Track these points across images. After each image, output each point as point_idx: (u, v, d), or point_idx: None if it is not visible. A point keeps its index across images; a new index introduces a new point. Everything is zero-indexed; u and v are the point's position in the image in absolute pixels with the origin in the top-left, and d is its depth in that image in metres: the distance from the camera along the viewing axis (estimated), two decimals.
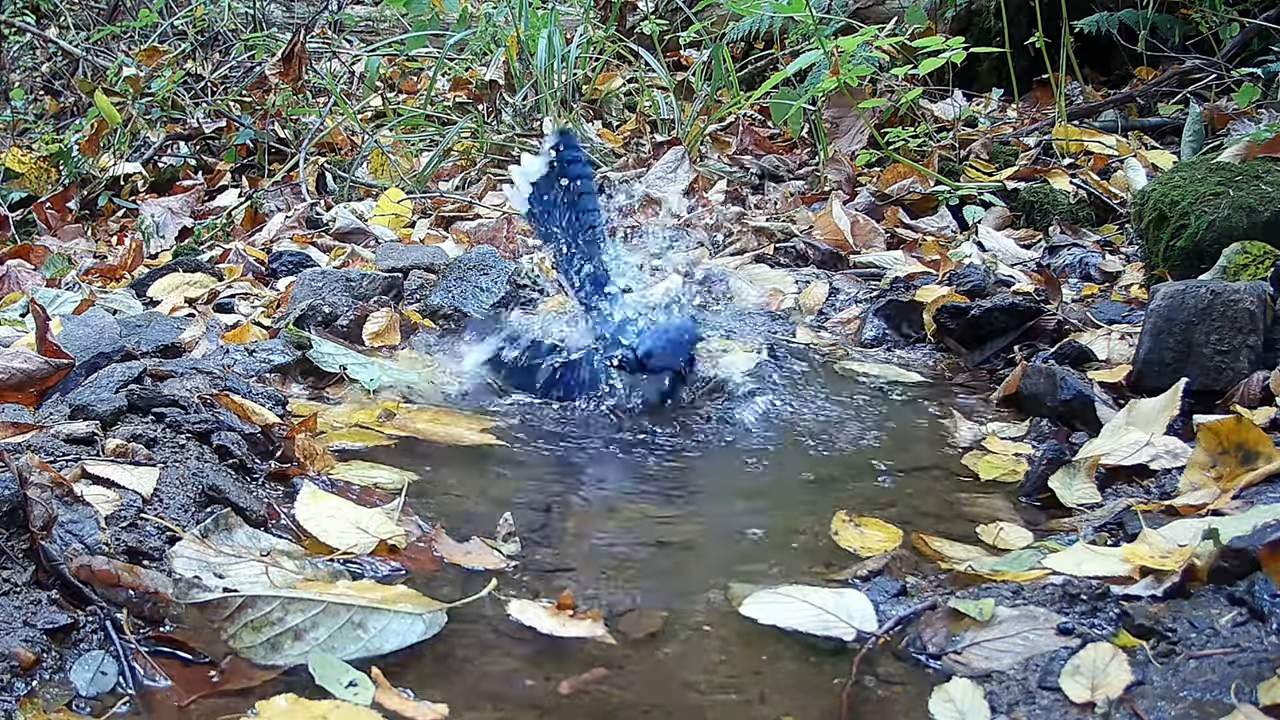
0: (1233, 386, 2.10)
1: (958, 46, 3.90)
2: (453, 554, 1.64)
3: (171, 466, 1.73)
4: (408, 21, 6.89)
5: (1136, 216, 3.03)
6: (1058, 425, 2.17)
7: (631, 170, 4.63)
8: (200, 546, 1.54)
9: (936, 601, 1.47)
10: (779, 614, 1.49)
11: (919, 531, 1.75)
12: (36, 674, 1.30)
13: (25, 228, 5.00)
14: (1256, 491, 1.69)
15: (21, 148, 5.53)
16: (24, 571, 1.41)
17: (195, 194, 4.97)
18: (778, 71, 4.25)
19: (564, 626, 1.43)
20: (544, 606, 1.48)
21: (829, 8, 5.15)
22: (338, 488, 1.86)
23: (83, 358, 2.30)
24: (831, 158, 4.33)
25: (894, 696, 1.34)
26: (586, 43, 5.56)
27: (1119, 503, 1.82)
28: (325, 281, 2.89)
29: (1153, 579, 1.47)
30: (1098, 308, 2.87)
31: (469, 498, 1.91)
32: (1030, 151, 4.30)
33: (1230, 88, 4.46)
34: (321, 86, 5.66)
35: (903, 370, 2.68)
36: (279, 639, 1.40)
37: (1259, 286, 2.21)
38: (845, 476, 2.06)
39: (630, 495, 1.95)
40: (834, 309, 3.15)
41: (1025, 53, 4.54)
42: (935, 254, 3.41)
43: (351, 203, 4.36)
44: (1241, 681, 1.23)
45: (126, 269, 3.93)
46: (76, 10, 6.99)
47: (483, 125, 5.04)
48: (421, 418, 2.22)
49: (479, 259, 3.04)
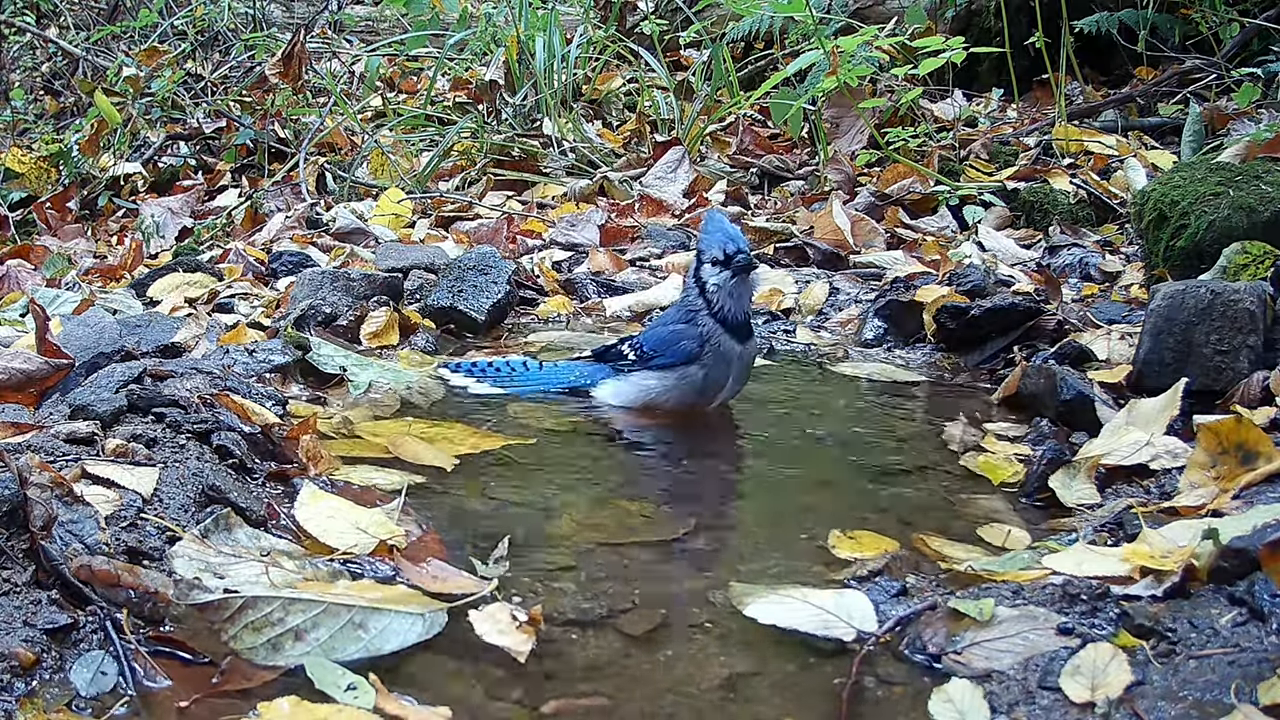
0: (1233, 386, 2.10)
1: (958, 46, 3.90)
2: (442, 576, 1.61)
3: (171, 466, 1.73)
4: (408, 21, 6.89)
5: (1136, 216, 3.03)
6: (1058, 425, 2.17)
7: (631, 170, 4.63)
8: (200, 546, 1.54)
9: (936, 601, 1.47)
10: (779, 614, 1.49)
11: (919, 531, 1.75)
12: (36, 674, 1.30)
13: (25, 228, 5.01)
14: (1256, 491, 1.69)
15: (21, 148, 5.54)
16: (24, 571, 1.41)
17: (195, 194, 4.97)
18: (778, 71, 4.26)
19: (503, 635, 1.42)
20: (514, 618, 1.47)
21: (829, 8, 5.15)
22: (338, 488, 1.86)
23: (83, 358, 2.30)
24: (831, 158, 4.33)
25: (894, 697, 1.34)
26: (586, 43, 5.56)
27: (1119, 503, 1.82)
28: (325, 281, 2.89)
29: (1153, 579, 1.47)
30: (1098, 308, 2.87)
31: (469, 498, 1.90)
32: (1030, 151, 4.30)
33: (1230, 88, 4.46)
34: (321, 86, 5.66)
35: (902, 370, 2.68)
36: (280, 639, 1.40)
37: (1259, 286, 2.21)
38: (845, 476, 2.05)
39: (630, 495, 1.94)
40: (834, 309, 3.15)
41: (1025, 53, 4.54)
42: (935, 254, 3.41)
43: (351, 203, 4.36)
44: (1241, 681, 1.23)
45: (126, 269, 3.93)
46: (76, 10, 6.99)
47: (483, 125, 5.04)
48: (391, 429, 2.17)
49: (479, 259, 3.04)
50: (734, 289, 2.20)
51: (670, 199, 4.29)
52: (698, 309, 2.22)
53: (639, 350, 2.28)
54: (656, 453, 2.18)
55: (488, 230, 3.93)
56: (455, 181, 4.81)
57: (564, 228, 3.91)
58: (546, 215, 4.17)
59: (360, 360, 2.53)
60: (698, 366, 2.21)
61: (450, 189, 4.72)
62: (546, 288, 3.32)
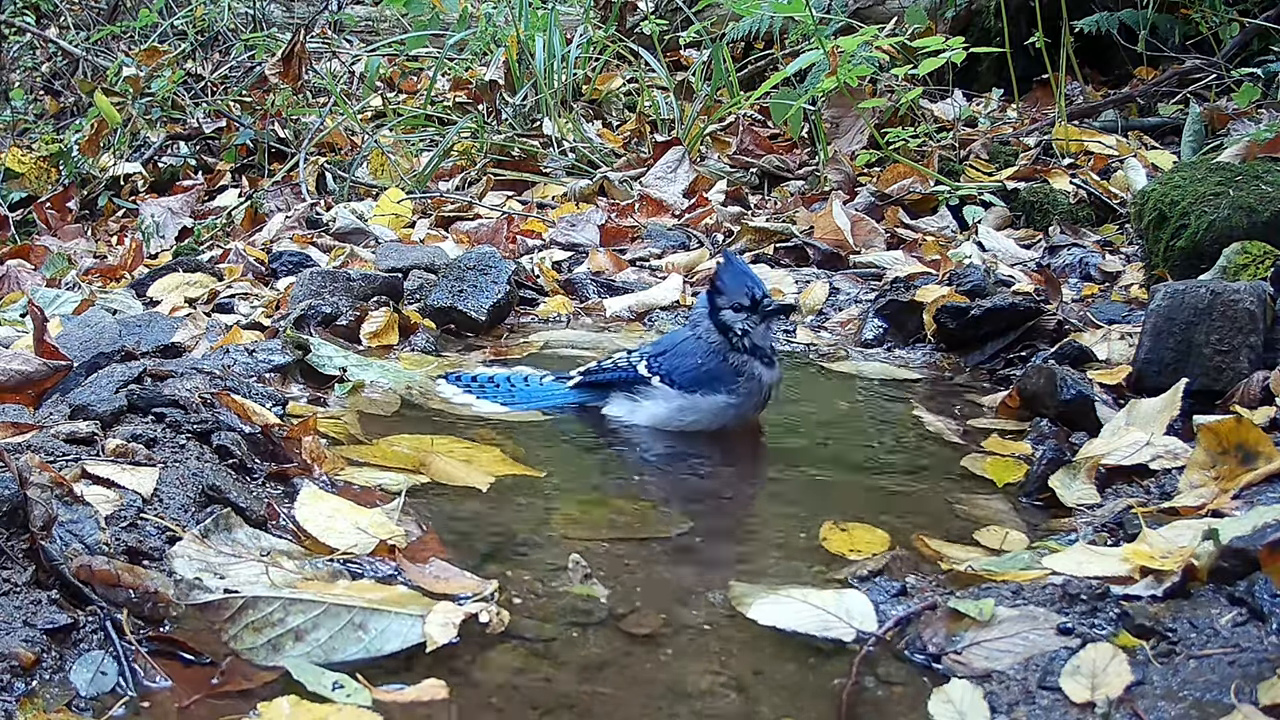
0: (1233, 386, 2.10)
1: (958, 46, 3.90)
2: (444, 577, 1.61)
3: (171, 466, 1.73)
4: (408, 21, 6.90)
5: (1136, 216, 3.03)
6: (1058, 425, 2.17)
7: (631, 170, 4.63)
8: (200, 546, 1.54)
9: (936, 601, 1.47)
10: (779, 614, 1.49)
11: (919, 531, 1.75)
12: (36, 674, 1.30)
13: (25, 228, 5.01)
14: (1256, 491, 1.69)
15: (21, 148, 5.54)
16: (24, 571, 1.41)
17: (195, 194, 4.97)
18: (778, 71, 4.25)
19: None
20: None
21: (829, 8, 5.15)
22: (338, 488, 1.86)
23: (82, 358, 2.30)
24: (831, 158, 4.32)
25: (894, 697, 1.34)
26: (586, 43, 5.56)
27: (1119, 503, 1.82)
28: (325, 281, 2.89)
29: (1153, 579, 1.47)
30: (1098, 308, 2.87)
31: (469, 498, 1.90)
32: (1030, 151, 4.30)
33: (1230, 88, 4.46)
34: (321, 86, 5.66)
35: (903, 370, 2.68)
36: (280, 640, 1.40)
37: (1259, 286, 2.21)
38: (845, 476, 2.05)
39: (630, 495, 1.94)
40: (834, 309, 3.15)
41: (1025, 53, 4.54)
42: (935, 254, 3.41)
43: (351, 203, 4.36)
44: (1241, 681, 1.23)
45: (126, 269, 3.93)
46: (76, 10, 6.99)
47: (483, 125, 5.04)
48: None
49: (479, 259, 3.04)
50: (764, 330, 2.24)
51: (670, 199, 4.29)
52: (722, 347, 2.22)
53: (668, 379, 2.26)
54: (656, 453, 2.18)
55: (488, 230, 3.93)
56: (455, 181, 4.81)
57: (564, 228, 3.91)
58: (546, 215, 4.17)
59: (360, 360, 2.53)
60: (735, 396, 2.22)
61: (450, 189, 4.72)
62: (546, 288, 3.32)
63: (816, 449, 2.20)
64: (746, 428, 2.28)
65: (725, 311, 2.22)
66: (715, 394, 2.22)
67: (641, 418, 2.27)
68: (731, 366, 2.21)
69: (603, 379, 2.32)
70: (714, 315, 2.23)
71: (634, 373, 2.28)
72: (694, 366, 2.23)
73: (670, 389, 2.24)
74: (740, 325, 2.21)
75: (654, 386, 2.25)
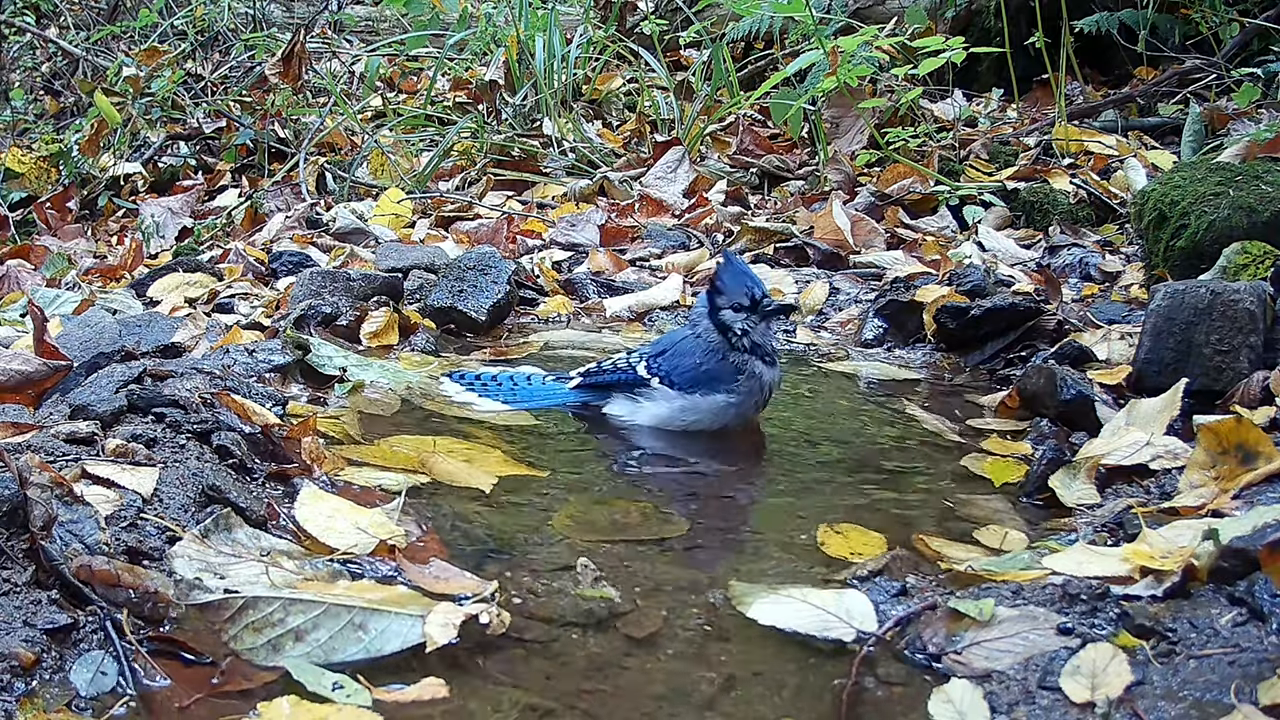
0: (1233, 386, 2.10)
1: (958, 46, 3.90)
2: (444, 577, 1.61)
3: (171, 466, 1.73)
4: (408, 21, 6.90)
5: (1136, 216, 3.03)
6: (1058, 425, 2.17)
7: (631, 170, 4.63)
8: (200, 546, 1.54)
9: (936, 601, 1.47)
10: (779, 614, 1.49)
11: (919, 531, 1.75)
12: (36, 674, 1.30)
13: (25, 228, 5.01)
14: (1256, 491, 1.69)
15: (21, 148, 5.54)
16: (24, 571, 1.41)
17: (195, 194, 4.97)
18: (778, 71, 4.26)
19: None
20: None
21: (829, 8, 5.15)
22: (338, 488, 1.86)
23: (82, 358, 2.30)
24: (831, 158, 4.32)
25: (894, 697, 1.34)
26: (586, 43, 5.56)
27: (1119, 503, 1.82)
28: (325, 281, 2.89)
29: (1153, 579, 1.47)
30: (1098, 308, 2.87)
31: (469, 498, 1.90)
32: (1030, 151, 4.30)
33: (1230, 88, 4.46)
34: (321, 86, 5.66)
35: (903, 370, 2.68)
36: (280, 640, 1.40)
37: (1259, 286, 2.21)
38: (845, 476, 2.05)
39: (630, 495, 1.94)
40: (834, 309, 3.15)
41: (1025, 53, 4.54)
42: (935, 254, 3.41)
43: (351, 203, 4.36)
44: (1241, 681, 1.23)
45: (126, 269, 3.93)
46: (76, 10, 6.99)
47: (483, 125, 5.04)
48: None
49: (479, 259, 3.04)
50: (764, 330, 2.24)
51: (670, 199, 4.29)
52: (722, 347, 2.22)
53: (668, 380, 2.26)
54: (657, 453, 2.18)
55: (488, 230, 3.93)
56: (455, 181, 4.81)
57: (564, 228, 3.91)
58: (546, 215, 4.17)
59: (360, 360, 2.53)
60: (736, 395, 2.22)
61: (450, 189, 4.72)
62: (546, 288, 3.32)
63: (817, 449, 2.20)
64: (747, 428, 2.28)
65: (725, 311, 2.22)
66: (715, 394, 2.22)
67: (643, 418, 2.27)
68: (731, 366, 2.22)
69: (602, 380, 2.32)
70: (714, 315, 2.23)
71: (633, 374, 2.28)
72: (693, 366, 2.23)
73: (670, 390, 2.24)
74: (740, 325, 2.22)
75: (654, 388, 2.26)
